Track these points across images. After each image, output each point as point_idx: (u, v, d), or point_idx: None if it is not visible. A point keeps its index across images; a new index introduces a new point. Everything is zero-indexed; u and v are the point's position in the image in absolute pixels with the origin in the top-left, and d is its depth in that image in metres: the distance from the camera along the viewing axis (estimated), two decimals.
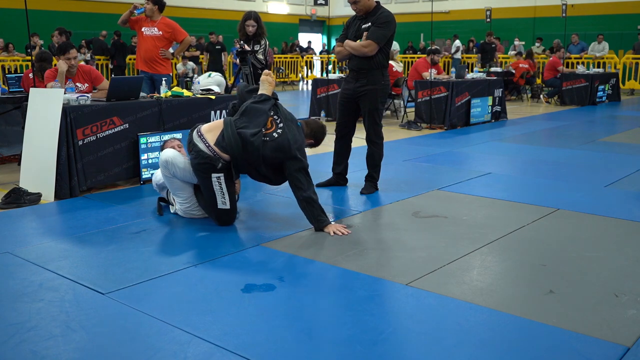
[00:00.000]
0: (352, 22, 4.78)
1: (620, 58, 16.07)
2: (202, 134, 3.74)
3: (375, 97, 4.63)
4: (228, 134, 3.65)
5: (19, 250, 3.39)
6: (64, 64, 5.28)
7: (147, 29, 6.41)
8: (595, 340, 2.31)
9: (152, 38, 6.39)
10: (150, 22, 6.41)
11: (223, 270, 3.10)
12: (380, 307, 2.64)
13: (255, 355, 2.20)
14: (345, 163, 4.97)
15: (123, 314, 2.56)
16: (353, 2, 4.57)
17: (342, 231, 3.67)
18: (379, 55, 4.58)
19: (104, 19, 18.07)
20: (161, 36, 6.40)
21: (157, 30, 6.39)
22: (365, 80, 4.62)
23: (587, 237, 3.63)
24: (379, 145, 4.78)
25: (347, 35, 4.73)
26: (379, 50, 4.55)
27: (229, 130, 3.66)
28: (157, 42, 6.40)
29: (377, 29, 4.50)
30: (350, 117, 4.82)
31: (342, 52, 4.69)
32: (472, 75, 9.82)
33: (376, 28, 4.51)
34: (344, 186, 4.99)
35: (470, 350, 2.24)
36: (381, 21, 4.52)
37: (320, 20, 26.69)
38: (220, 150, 3.66)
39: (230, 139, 3.63)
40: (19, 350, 2.24)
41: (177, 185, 3.91)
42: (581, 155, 6.43)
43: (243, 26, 6.23)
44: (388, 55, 4.70)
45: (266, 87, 3.92)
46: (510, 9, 21.18)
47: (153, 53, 6.40)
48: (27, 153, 4.83)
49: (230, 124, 3.71)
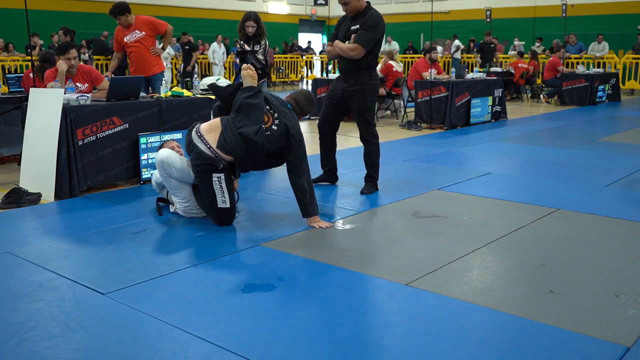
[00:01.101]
0: (342, 21, 4.79)
1: (620, 58, 16.07)
2: (202, 134, 3.72)
3: (364, 97, 4.65)
4: (229, 137, 3.64)
5: (19, 250, 3.39)
6: (64, 64, 5.28)
7: (130, 36, 6.33)
8: (595, 340, 2.31)
9: (138, 42, 6.33)
10: (127, 29, 6.35)
11: (223, 270, 3.10)
12: (380, 307, 2.64)
13: (255, 355, 2.20)
14: (333, 160, 5.00)
15: (123, 314, 2.56)
16: (344, 3, 4.58)
17: (321, 225, 3.80)
18: (367, 57, 4.60)
19: (105, 19, 17.97)
20: (145, 36, 6.35)
21: (139, 32, 6.33)
22: (353, 80, 4.63)
23: (587, 237, 3.63)
24: (374, 144, 4.79)
25: (337, 35, 4.75)
26: (367, 52, 4.57)
27: (229, 132, 3.65)
28: (144, 44, 6.35)
29: (364, 33, 4.51)
30: (336, 116, 4.87)
31: (332, 52, 4.73)
32: (472, 75, 9.82)
33: (363, 31, 4.51)
34: (334, 184, 5.01)
35: (470, 350, 2.24)
36: (369, 24, 4.51)
37: (320, 20, 26.69)
38: (223, 152, 3.66)
39: (232, 141, 3.63)
40: (19, 350, 2.24)
41: (175, 185, 3.91)
42: (581, 155, 6.43)
43: (243, 26, 6.23)
44: (376, 56, 4.73)
45: (249, 82, 3.89)
46: (510, 9, 21.18)
47: (144, 56, 6.34)
48: (27, 153, 4.83)
49: (229, 125, 3.69)
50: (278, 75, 18.30)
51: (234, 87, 3.96)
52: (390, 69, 9.92)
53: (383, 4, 25.02)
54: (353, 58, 4.55)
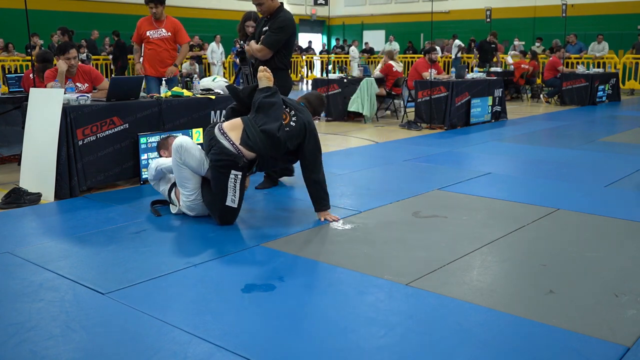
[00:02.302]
0: (261, 21, 4.89)
1: (620, 58, 16.07)
2: (225, 131, 3.77)
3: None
4: (252, 133, 3.72)
5: (19, 250, 3.39)
6: (64, 64, 5.28)
7: (154, 32, 6.25)
8: (595, 340, 2.31)
9: (160, 40, 6.25)
10: (156, 24, 6.26)
11: (223, 270, 3.10)
12: (381, 307, 2.64)
13: (255, 355, 2.20)
14: None
15: (123, 314, 2.56)
16: (258, 4, 4.69)
17: (332, 218, 3.94)
18: (280, 58, 4.73)
19: (104, 19, 18.09)
20: (170, 37, 6.27)
21: (165, 31, 6.26)
22: None
23: (587, 237, 3.63)
24: None
25: (253, 36, 4.87)
26: (276, 53, 4.69)
27: (252, 129, 3.73)
28: (165, 45, 6.27)
29: (271, 34, 4.65)
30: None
31: (248, 51, 4.84)
32: (472, 75, 9.82)
33: (270, 33, 4.65)
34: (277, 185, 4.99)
35: (470, 350, 2.24)
36: (275, 26, 4.65)
37: (320, 20, 26.69)
38: (246, 148, 3.72)
39: (255, 138, 3.71)
40: (19, 350, 2.24)
41: (186, 174, 3.87)
42: (581, 155, 6.43)
43: (243, 26, 6.23)
44: (287, 56, 4.83)
45: (265, 83, 3.98)
46: (510, 9, 21.17)
47: (164, 56, 6.26)
48: (27, 153, 4.83)
49: (251, 123, 3.78)
50: None
51: (250, 88, 4.07)
52: (390, 69, 9.92)
53: (383, 4, 25.05)
54: (260, 59, 4.73)
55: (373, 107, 9.70)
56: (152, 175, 4.19)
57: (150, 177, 4.23)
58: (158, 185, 4.24)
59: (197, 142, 5.26)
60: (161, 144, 4.60)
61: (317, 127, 3.98)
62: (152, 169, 4.19)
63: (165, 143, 4.51)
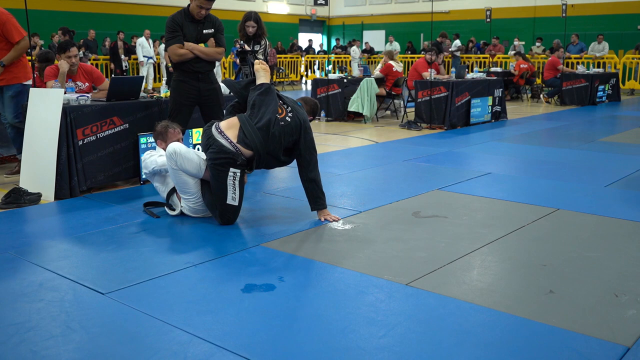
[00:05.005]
0: (183, 23, 4.89)
1: (620, 58, 16.07)
2: (222, 130, 3.78)
3: (220, 95, 5.15)
4: (249, 131, 3.73)
5: (19, 250, 3.39)
6: (66, 64, 5.27)
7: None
8: (595, 340, 2.31)
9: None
10: None
11: (223, 270, 3.10)
12: (381, 307, 2.64)
13: (255, 355, 2.20)
14: None
15: (123, 314, 2.56)
16: (205, 8, 4.82)
17: (332, 218, 3.94)
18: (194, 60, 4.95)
19: (104, 19, 18.10)
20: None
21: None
22: (209, 80, 5.05)
23: (587, 237, 3.63)
24: None
25: (184, 37, 4.88)
26: None
27: (248, 127, 3.75)
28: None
29: (222, 37, 5.05)
30: (189, 116, 5.09)
31: (187, 54, 4.86)
32: (472, 75, 9.82)
33: (222, 35, 5.04)
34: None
35: (470, 350, 2.24)
36: (221, 27, 5.05)
37: (320, 20, 26.69)
38: (243, 146, 3.72)
39: (251, 135, 3.72)
40: (19, 350, 2.24)
41: (184, 179, 3.86)
42: (581, 155, 6.43)
43: (243, 26, 6.24)
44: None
45: (263, 75, 4.00)
46: (510, 9, 21.17)
47: None
48: (27, 153, 4.83)
49: (248, 121, 3.79)
50: (278, 75, 18.30)
51: (246, 81, 4.12)
52: (390, 69, 9.91)
53: (383, 4, 25.04)
54: (218, 60, 5.11)
55: (373, 107, 9.70)
56: (148, 170, 4.18)
57: (145, 170, 4.22)
58: (153, 178, 4.23)
59: (197, 142, 5.28)
60: (158, 132, 4.28)
61: (317, 127, 3.98)
62: (145, 171, 4.23)
63: (163, 134, 4.25)
